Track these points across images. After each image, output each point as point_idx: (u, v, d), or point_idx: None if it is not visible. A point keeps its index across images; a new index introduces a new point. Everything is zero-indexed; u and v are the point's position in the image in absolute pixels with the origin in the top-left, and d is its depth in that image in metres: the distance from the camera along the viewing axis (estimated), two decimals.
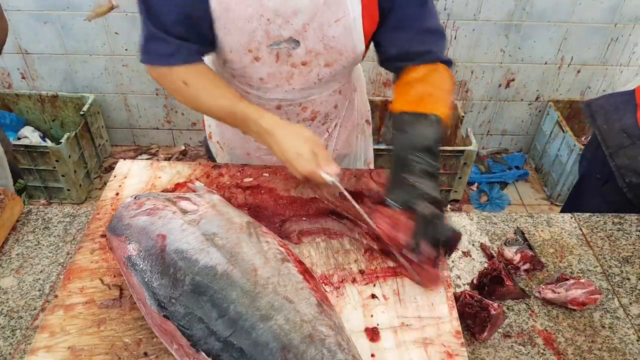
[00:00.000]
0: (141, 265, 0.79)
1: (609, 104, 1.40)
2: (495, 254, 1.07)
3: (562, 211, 1.51)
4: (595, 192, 1.45)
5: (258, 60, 1.08)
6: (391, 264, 0.94)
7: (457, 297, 0.93)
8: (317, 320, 0.72)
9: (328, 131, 1.34)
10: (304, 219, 1.04)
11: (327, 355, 0.68)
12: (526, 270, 1.03)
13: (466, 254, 1.08)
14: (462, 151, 2.52)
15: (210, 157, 1.51)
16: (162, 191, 1.08)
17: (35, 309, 0.92)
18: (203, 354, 0.70)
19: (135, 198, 0.91)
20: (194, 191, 1.02)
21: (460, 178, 2.64)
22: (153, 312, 0.76)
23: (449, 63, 1.11)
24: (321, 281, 0.92)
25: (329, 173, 0.97)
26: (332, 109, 1.27)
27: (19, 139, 2.70)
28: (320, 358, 0.67)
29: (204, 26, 1.01)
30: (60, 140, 2.45)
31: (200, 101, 1.07)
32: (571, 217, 1.18)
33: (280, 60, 1.08)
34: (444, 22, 2.58)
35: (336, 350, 0.69)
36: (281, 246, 0.86)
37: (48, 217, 1.11)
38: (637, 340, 0.92)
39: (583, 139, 2.85)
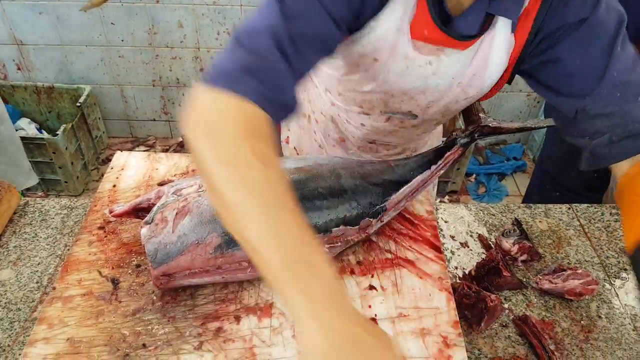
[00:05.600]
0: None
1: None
2: (493, 245, 1.07)
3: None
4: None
5: (366, 114, 1.03)
6: (389, 255, 0.95)
7: (454, 288, 0.93)
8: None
9: None
10: None
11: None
12: (524, 261, 1.04)
13: (464, 244, 1.08)
14: None
15: None
16: (159, 184, 1.08)
17: (33, 301, 0.92)
18: None
19: (152, 220, 0.83)
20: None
21: (458, 169, 2.65)
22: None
23: None
24: None
25: None
26: None
27: (15, 130, 2.68)
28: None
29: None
30: (57, 132, 2.44)
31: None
32: (569, 208, 1.18)
33: (389, 121, 1.03)
34: None
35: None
36: None
37: (45, 209, 1.11)
38: (633, 330, 0.93)
39: None
